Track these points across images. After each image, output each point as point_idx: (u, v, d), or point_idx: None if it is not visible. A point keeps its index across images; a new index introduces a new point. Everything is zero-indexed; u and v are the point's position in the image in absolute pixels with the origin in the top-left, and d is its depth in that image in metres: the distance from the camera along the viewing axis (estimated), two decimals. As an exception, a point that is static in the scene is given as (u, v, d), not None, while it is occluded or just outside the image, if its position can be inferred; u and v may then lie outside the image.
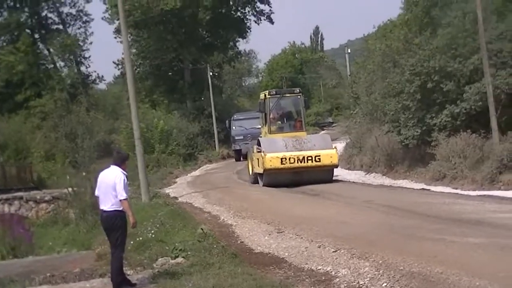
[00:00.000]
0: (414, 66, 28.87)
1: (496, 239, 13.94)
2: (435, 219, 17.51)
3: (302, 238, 16.57)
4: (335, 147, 31.49)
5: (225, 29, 72.03)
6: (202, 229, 17.81)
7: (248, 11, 74.15)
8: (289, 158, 30.12)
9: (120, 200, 12.52)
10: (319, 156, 30.25)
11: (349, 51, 69.89)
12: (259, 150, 31.27)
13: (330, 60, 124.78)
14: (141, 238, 17.75)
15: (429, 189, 25.27)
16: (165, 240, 17.49)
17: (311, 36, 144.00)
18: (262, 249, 16.01)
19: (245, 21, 74.96)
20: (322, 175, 30.55)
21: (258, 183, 32.53)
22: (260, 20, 74.17)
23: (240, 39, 78.14)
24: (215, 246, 16.07)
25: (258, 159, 31.46)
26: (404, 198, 23.10)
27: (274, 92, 34.02)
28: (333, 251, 14.42)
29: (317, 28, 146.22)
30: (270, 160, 30.07)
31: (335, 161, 30.72)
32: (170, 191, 35.34)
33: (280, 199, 26.50)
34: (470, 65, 28.08)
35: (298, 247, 15.50)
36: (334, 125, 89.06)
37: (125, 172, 12.86)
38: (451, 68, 28.24)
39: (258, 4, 73.43)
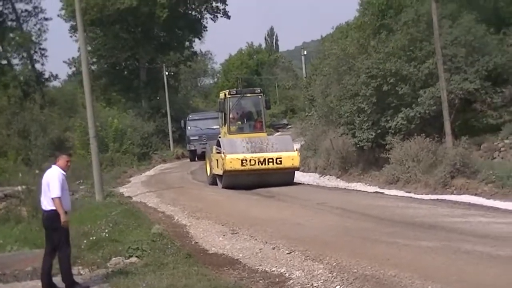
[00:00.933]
0: (370, 69, 29.04)
1: (448, 243, 14.07)
2: (389, 222, 17.64)
3: (256, 239, 16.59)
4: (296, 149, 31.05)
5: (181, 29, 71.92)
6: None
7: (204, 9, 74.05)
8: (250, 160, 29.46)
9: (52, 198, 12.45)
10: (281, 158, 29.64)
11: (305, 53, 70.09)
12: (218, 151, 30.56)
13: (287, 61, 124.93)
14: (94, 238, 17.60)
15: (382, 192, 25.45)
16: (119, 239, 17.36)
17: (265, 37, 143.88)
18: (217, 249, 16.00)
19: (201, 20, 74.93)
20: (283, 177, 29.96)
21: (216, 184, 31.92)
22: (217, 17, 74.14)
23: (196, 39, 78.19)
24: (169, 246, 16.03)
25: (217, 160, 30.73)
26: (358, 200, 23.23)
27: (235, 91, 33.39)
28: (287, 253, 14.45)
29: (271, 29, 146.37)
30: (230, 162, 29.32)
31: (296, 163, 30.18)
32: (124, 190, 35.14)
33: (235, 200, 26.47)
34: (425, 69, 28.37)
35: (252, 248, 15.52)
36: (289, 126, 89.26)
37: (63, 172, 12.79)
38: (406, 71, 28.49)
39: (214, 2, 73.32)
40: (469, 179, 22.86)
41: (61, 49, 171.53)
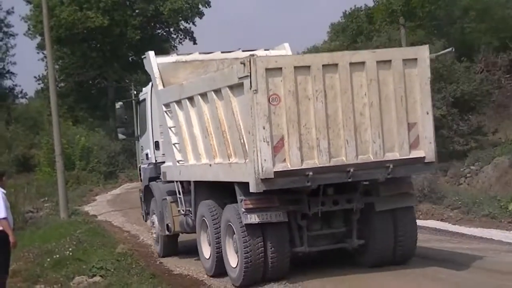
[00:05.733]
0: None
1: (413, 268, 14.02)
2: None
3: (222, 260, 16.43)
4: None
5: (149, 48, 71.68)
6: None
7: (172, 30, 73.89)
8: None
9: None
10: None
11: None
12: None
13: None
14: (58, 256, 17.45)
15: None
16: (83, 258, 17.21)
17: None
18: (181, 270, 15.90)
19: (170, 40, 74.78)
20: None
21: None
22: (184, 39, 73.90)
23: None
24: (134, 266, 15.90)
25: None
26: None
27: None
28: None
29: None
30: None
31: None
32: (90, 208, 34.86)
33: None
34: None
35: (217, 269, 15.38)
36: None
37: (3, 190, 12.53)
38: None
39: (182, 23, 73.07)
40: (435, 205, 22.97)
41: (30, 65, 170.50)
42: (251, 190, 12.43)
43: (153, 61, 17.93)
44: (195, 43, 74.27)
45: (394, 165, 12.80)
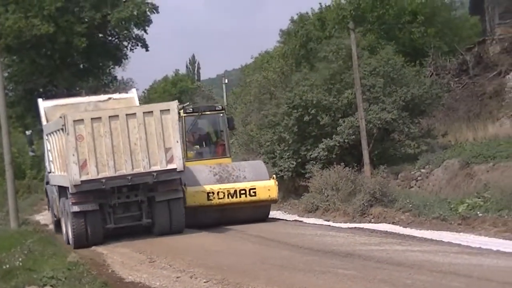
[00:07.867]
0: (292, 99, 29.18)
1: (365, 271, 14.16)
2: (307, 251, 17.67)
3: (174, 267, 16.45)
4: (273, 177, 26.15)
5: (100, 55, 71.14)
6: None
7: (123, 38, 73.12)
8: (218, 193, 24.69)
9: None
10: (255, 189, 25.10)
11: (226, 81, 70.22)
12: None
13: (207, 90, 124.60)
14: (7, 266, 17.24)
15: (301, 221, 25.47)
16: (34, 268, 17.02)
17: (187, 64, 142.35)
18: (134, 278, 15.79)
19: (121, 48, 74.07)
20: (258, 212, 25.58)
21: None
22: (136, 46, 73.22)
23: (116, 67, 77.23)
24: (85, 274, 15.76)
25: None
26: (277, 229, 23.23)
27: (191, 109, 27.91)
28: (205, 282, 14.33)
29: (193, 57, 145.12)
30: (194, 196, 24.33)
31: (274, 195, 25.43)
32: (41, 218, 34.55)
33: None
34: (344, 99, 28.68)
35: (169, 276, 15.38)
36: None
37: None
38: (327, 101, 28.75)
39: (135, 29, 72.43)
40: (386, 208, 23.08)
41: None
42: (69, 192, 21.59)
43: (40, 105, 27.26)
44: (147, 50, 73.83)
45: (157, 173, 21.69)
